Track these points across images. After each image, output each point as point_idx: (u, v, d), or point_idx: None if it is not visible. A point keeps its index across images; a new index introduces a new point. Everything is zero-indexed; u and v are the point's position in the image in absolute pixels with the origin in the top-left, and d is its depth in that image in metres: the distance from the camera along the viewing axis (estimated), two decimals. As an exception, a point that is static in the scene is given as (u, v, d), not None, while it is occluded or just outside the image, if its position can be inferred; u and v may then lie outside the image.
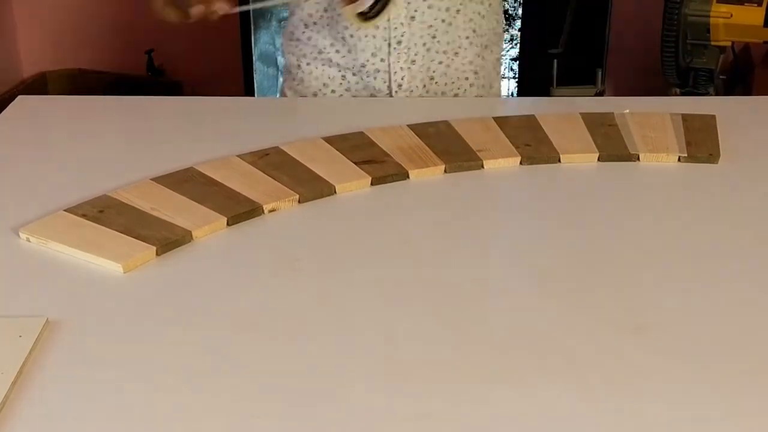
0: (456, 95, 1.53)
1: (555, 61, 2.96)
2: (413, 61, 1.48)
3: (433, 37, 1.47)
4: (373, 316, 0.92)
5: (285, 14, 3.17)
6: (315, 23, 1.51)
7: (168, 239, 1.04)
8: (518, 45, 3.22)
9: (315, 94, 1.54)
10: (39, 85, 3.29)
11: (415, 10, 1.44)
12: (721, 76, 2.73)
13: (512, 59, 3.22)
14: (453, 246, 1.06)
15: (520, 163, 1.26)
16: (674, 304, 0.94)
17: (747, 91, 2.81)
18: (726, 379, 0.82)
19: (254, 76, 3.03)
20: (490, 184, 1.22)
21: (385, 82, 1.49)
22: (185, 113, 1.49)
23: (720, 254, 1.04)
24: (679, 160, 1.27)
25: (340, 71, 1.52)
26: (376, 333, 0.89)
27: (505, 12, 3.27)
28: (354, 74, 1.51)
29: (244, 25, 3.02)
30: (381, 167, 1.22)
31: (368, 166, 1.22)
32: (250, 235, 1.08)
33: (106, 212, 1.09)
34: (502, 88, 1.57)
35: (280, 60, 3.09)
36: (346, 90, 1.52)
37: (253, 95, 2.99)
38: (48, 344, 0.86)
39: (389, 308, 0.93)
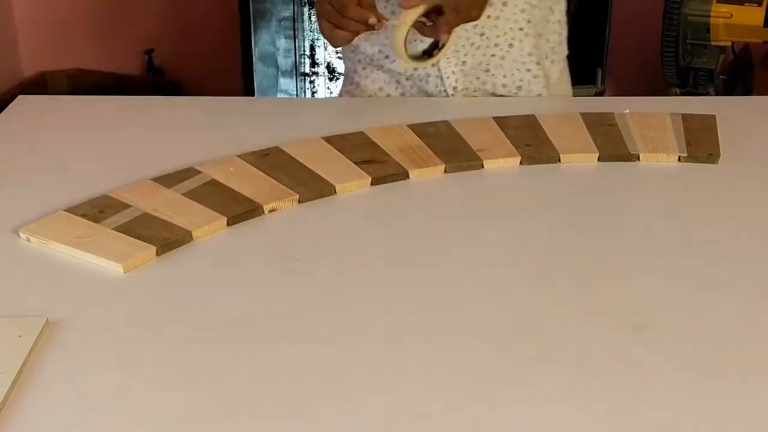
0: (519, 87, 1.51)
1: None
2: (464, 62, 1.47)
3: (482, 34, 1.45)
4: (373, 315, 0.92)
5: (286, 14, 3.18)
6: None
7: (168, 239, 1.04)
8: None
9: (371, 98, 1.54)
10: (39, 85, 3.29)
11: None
12: (721, 76, 2.73)
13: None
14: (453, 246, 1.06)
15: (520, 163, 1.26)
16: (674, 304, 0.94)
17: (747, 91, 2.81)
18: (726, 379, 0.82)
19: (254, 76, 3.03)
20: (490, 184, 1.22)
21: (437, 87, 1.49)
22: (185, 113, 1.49)
23: (720, 254, 1.04)
24: (679, 160, 1.27)
25: (393, 76, 1.52)
26: (376, 333, 0.89)
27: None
28: (407, 79, 1.50)
29: (244, 25, 3.02)
30: (381, 167, 1.22)
31: (368, 166, 1.22)
32: (250, 235, 1.08)
33: (106, 212, 1.09)
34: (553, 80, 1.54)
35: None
36: (402, 94, 1.52)
37: (253, 95, 2.99)
38: (48, 344, 0.86)
39: (389, 308, 0.93)
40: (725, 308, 0.93)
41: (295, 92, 3.17)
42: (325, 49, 3.15)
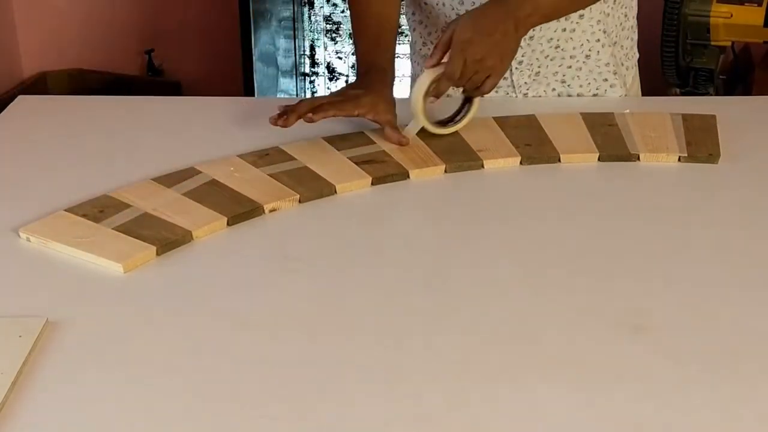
0: (596, 95, 1.50)
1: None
2: (537, 72, 1.47)
3: (557, 47, 1.44)
4: (372, 315, 0.92)
5: (286, 14, 3.18)
6: (432, 41, 1.49)
7: (168, 239, 1.04)
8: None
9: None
10: (39, 85, 3.28)
11: (533, 29, 1.39)
12: (721, 76, 2.73)
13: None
14: (453, 246, 1.06)
15: (520, 163, 1.26)
16: (674, 304, 0.94)
17: (747, 91, 2.81)
18: (726, 379, 0.82)
19: (254, 76, 3.03)
20: (490, 184, 1.22)
21: (509, 94, 1.49)
22: (185, 113, 1.49)
23: (720, 254, 1.04)
24: (679, 160, 1.27)
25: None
26: (376, 332, 0.89)
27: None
28: None
29: (244, 25, 3.01)
30: (381, 167, 1.22)
31: (369, 166, 1.22)
32: (251, 234, 1.08)
33: (106, 212, 1.09)
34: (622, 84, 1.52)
35: (276, 62, 3.09)
36: None
37: (253, 95, 2.99)
38: (48, 344, 0.86)
39: (389, 308, 0.93)
40: (725, 308, 0.93)
41: (295, 92, 3.17)
42: (325, 49, 3.15)
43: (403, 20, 1.55)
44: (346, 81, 3.06)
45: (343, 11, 3.13)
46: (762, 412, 0.78)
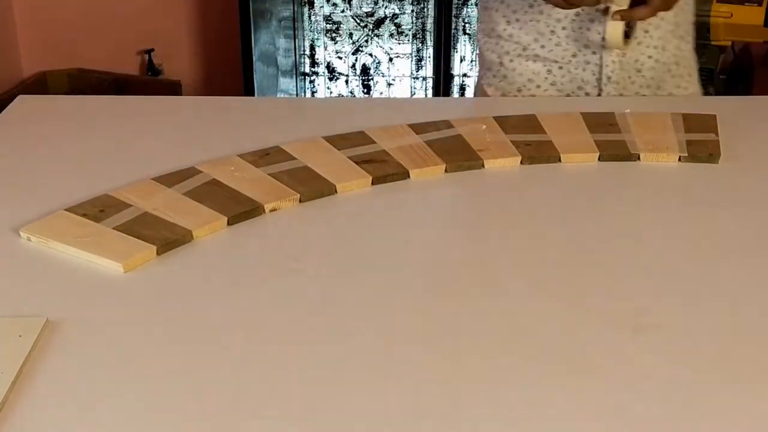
0: (659, 87, 1.53)
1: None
2: (624, 54, 1.48)
3: (646, 31, 1.47)
4: (372, 316, 0.92)
5: (286, 14, 3.18)
6: (518, 20, 1.51)
7: (168, 239, 1.04)
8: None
9: (519, 90, 1.54)
10: (39, 85, 3.29)
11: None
12: (721, 76, 2.73)
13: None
14: (453, 246, 1.06)
15: (521, 163, 1.26)
16: (674, 304, 0.94)
17: (747, 91, 2.81)
18: (726, 380, 0.82)
19: (254, 76, 3.04)
20: (490, 184, 1.22)
21: (594, 75, 1.50)
22: (185, 113, 1.49)
23: (720, 254, 1.04)
24: (679, 160, 1.27)
25: (545, 66, 1.52)
26: (376, 332, 0.89)
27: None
28: (560, 67, 1.51)
29: (244, 25, 3.02)
30: (381, 167, 1.22)
31: (369, 166, 1.22)
32: (251, 234, 1.08)
33: (106, 212, 1.09)
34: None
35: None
36: (551, 84, 1.53)
37: (253, 95, 2.99)
38: (48, 344, 0.86)
39: (389, 308, 0.93)
40: (725, 308, 0.93)
41: (295, 92, 3.17)
42: (325, 49, 3.15)
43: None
44: (346, 81, 3.07)
45: (343, 11, 3.13)
46: (763, 412, 0.78)
